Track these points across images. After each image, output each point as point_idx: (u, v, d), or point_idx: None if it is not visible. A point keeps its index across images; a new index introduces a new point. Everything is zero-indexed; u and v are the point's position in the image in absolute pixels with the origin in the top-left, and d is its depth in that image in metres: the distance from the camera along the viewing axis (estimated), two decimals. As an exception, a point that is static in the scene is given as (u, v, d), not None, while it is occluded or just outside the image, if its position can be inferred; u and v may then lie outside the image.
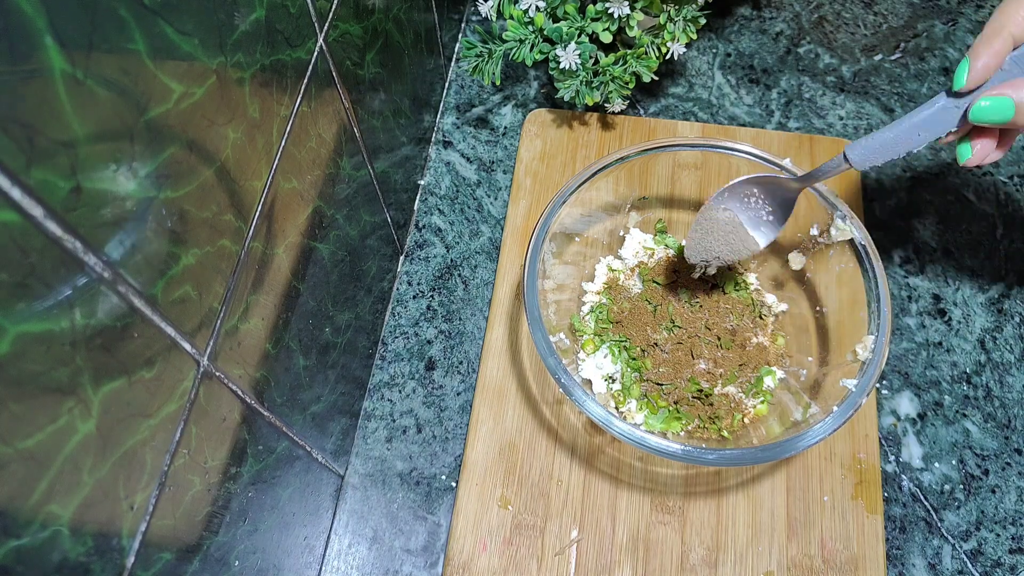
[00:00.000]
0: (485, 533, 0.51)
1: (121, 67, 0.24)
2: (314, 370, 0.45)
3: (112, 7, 0.23)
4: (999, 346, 0.57)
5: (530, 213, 0.62)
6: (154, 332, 0.28)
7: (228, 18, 0.30)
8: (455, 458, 0.54)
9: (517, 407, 0.55)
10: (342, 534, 0.52)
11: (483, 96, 0.69)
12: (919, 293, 0.59)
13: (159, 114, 0.26)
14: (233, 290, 0.33)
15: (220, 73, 0.30)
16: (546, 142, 0.65)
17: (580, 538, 0.50)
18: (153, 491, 0.29)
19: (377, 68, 0.49)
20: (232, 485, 0.36)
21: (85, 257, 0.23)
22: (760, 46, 0.71)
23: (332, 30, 0.40)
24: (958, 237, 0.61)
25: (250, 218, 0.34)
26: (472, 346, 0.58)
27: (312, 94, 0.39)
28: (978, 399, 0.55)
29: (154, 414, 0.28)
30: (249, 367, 0.36)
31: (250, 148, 0.33)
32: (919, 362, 0.56)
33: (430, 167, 0.66)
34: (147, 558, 0.29)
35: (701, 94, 0.69)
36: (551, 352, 0.45)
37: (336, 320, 0.48)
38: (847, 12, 0.73)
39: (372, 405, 0.56)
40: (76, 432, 0.24)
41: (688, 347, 0.52)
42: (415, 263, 0.62)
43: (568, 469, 0.52)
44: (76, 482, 0.24)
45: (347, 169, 0.47)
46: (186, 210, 0.29)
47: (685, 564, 0.49)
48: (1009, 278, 0.59)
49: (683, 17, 0.58)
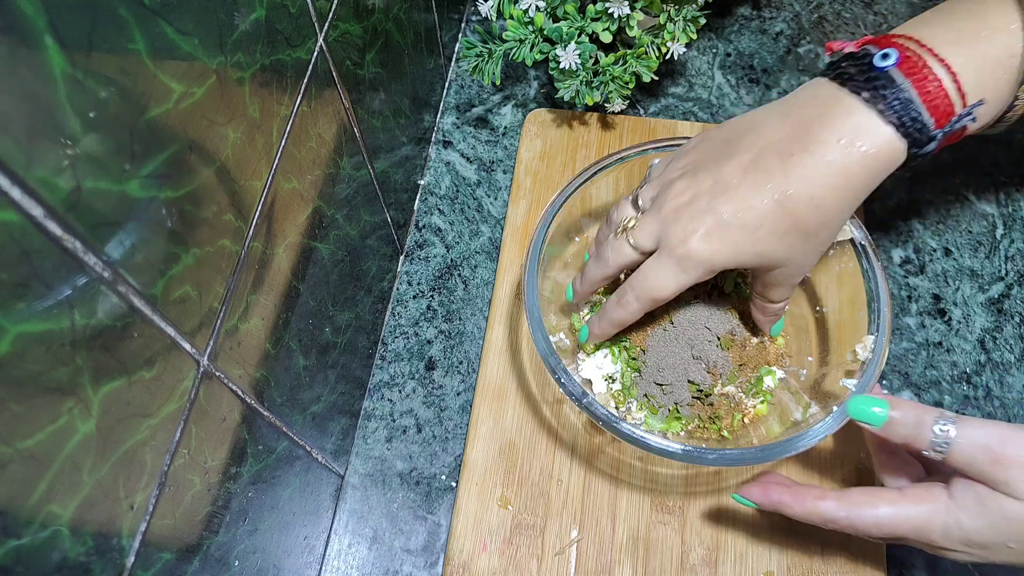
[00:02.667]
0: (485, 533, 0.51)
1: (121, 67, 0.24)
2: (314, 370, 0.45)
3: (112, 7, 0.23)
4: (999, 346, 0.57)
5: (530, 213, 0.62)
6: (154, 332, 0.28)
7: (228, 18, 0.30)
8: (455, 458, 0.54)
9: (517, 407, 0.55)
10: (342, 534, 0.52)
11: (483, 96, 0.69)
12: (919, 293, 0.59)
13: (159, 114, 0.26)
14: (233, 290, 0.33)
15: (220, 73, 0.30)
16: (546, 142, 0.65)
17: (580, 538, 0.50)
18: (153, 491, 0.29)
19: (377, 68, 0.49)
20: (232, 485, 0.36)
21: (85, 257, 0.23)
22: (760, 46, 0.71)
23: (332, 30, 0.40)
24: (958, 237, 0.61)
25: (250, 218, 0.34)
26: (472, 346, 0.58)
27: (312, 94, 0.39)
28: (978, 399, 0.55)
29: (154, 414, 0.28)
30: (249, 367, 0.36)
31: (250, 148, 0.33)
32: (919, 362, 0.56)
33: (430, 167, 0.66)
34: (147, 558, 0.29)
35: (701, 94, 0.69)
36: (551, 352, 0.45)
37: (336, 320, 0.48)
38: (847, 12, 0.73)
39: (372, 405, 0.56)
40: (76, 432, 0.24)
41: (688, 347, 0.52)
42: (415, 263, 0.62)
43: (568, 469, 0.52)
44: (76, 482, 0.24)
45: (347, 169, 0.47)
46: (186, 210, 0.29)
47: (685, 564, 0.49)
48: (1009, 278, 0.59)
49: (683, 17, 0.58)
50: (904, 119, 0.38)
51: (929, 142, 0.38)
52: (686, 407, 0.51)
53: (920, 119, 0.38)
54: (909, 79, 0.38)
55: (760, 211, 0.40)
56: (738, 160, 0.41)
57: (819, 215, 0.40)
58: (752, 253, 0.41)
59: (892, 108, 0.38)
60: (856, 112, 0.38)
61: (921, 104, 0.38)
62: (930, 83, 0.38)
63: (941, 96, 0.38)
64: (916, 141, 0.38)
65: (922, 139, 0.38)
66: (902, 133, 0.38)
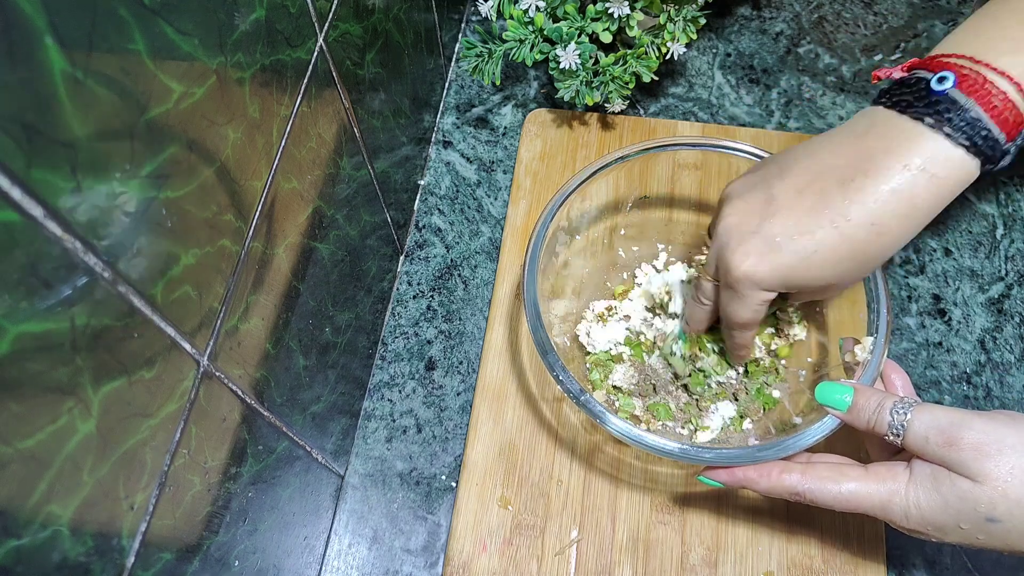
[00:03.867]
0: (485, 533, 0.51)
1: (121, 67, 0.24)
2: (314, 370, 0.45)
3: (112, 7, 0.23)
4: (999, 346, 0.57)
5: (530, 213, 0.62)
6: (154, 332, 0.28)
7: (228, 18, 0.30)
8: (455, 458, 0.54)
9: (517, 407, 0.55)
10: (342, 534, 0.52)
11: (483, 96, 0.69)
12: (919, 293, 0.59)
13: (159, 114, 0.26)
14: (233, 290, 0.33)
15: (220, 73, 0.30)
16: (546, 142, 0.65)
17: (580, 538, 0.50)
18: (153, 491, 0.29)
19: (377, 68, 0.49)
20: (232, 485, 0.36)
21: (85, 257, 0.23)
22: (760, 46, 0.71)
23: (332, 30, 0.40)
24: (958, 237, 0.61)
25: (250, 218, 0.34)
26: (472, 346, 0.58)
27: (312, 94, 0.39)
28: (978, 399, 0.55)
29: (154, 414, 0.28)
30: (249, 367, 0.36)
31: (250, 148, 0.33)
32: (919, 362, 0.56)
33: (430, 167, 0.66)
34: (147, 558, 0.29)
35: (701, 94, 0.69)
36: (550, 350, 0.45)
37: (336, 320, 0.48)
38: (847, 12, 0.73)
39: (372, 405, 0.56)
40: (76, 432, 0.24)
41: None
42: (415, 263, 0.62)
43: (568, 469, 0.52)
44: (76, 482, 0.24)
45: (347, 169, 0.47)
46: (186, 210, 0.29)
47: (685, 564, 0.49)
48: (1009, 278, 0.59)
49: (683, 17, 0.58)
50: (974, 138, 0.36)
51: (1003, 156, 0.37)
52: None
53: (991, 136, 0.36)
54: (972, 98, 0.36)
55: (815, 236, 0.39)
56: (792, 181, 0.40)
57: (880, 242, 0.38)
58: (804, 279, 0.40)
59: (960, 130, 0.36)
60: (921, 138, 0.37)
61: (990, 120, 0.36)
62: (995, 98, 0.36)
63: (1009, 109, 0.36)
64: (989, 158, 0.37)
65: (995, 155, 0.37)
66: (974, 153, 0.37)
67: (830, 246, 0.39)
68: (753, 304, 0.42)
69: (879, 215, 0.38)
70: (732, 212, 0.42)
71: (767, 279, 0.40)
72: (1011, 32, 0.38)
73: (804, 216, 0.39)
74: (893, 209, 0.38)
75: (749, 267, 0.40)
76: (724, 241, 0.41)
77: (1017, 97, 0.37)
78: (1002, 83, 0.37)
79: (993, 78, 0.37)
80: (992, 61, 0.37)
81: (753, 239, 0.40)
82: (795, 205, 0.39)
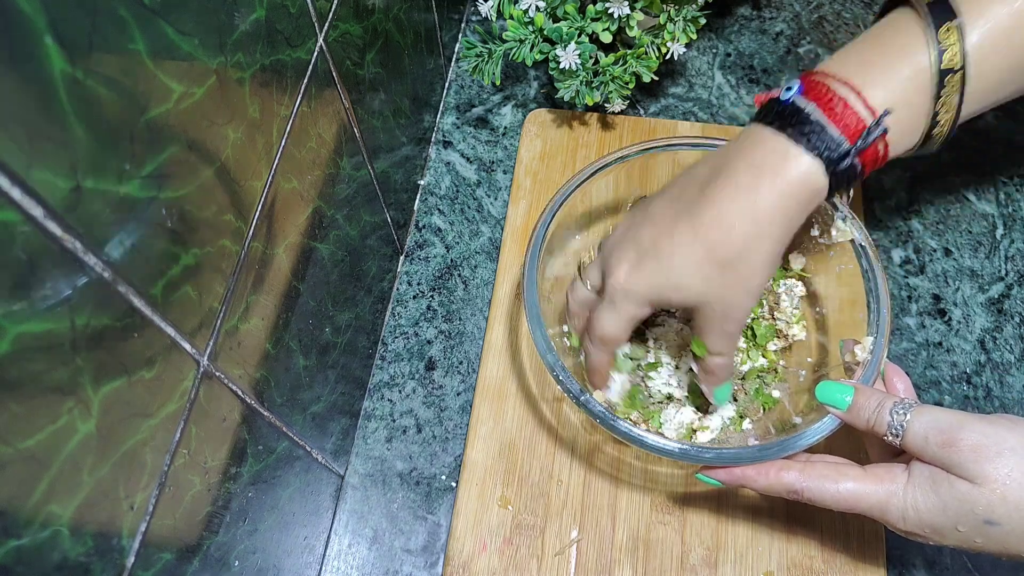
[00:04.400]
0: (485, 533, 0.51)
1: (121, 67, 0.24)
2: (314, 370, 0.45)
3: (112, 7, 0.23)
4: (999, 346, 0.57)
5: (530, 213, 0.62)
6: (154, 332, 0.28)
7: (228, 18, 0.30)
8: (455, 458, 0.54)
9: (517, 407, 0.55)
10: (342, 534, 0.52)
11: (483, 96, 0.69)
12: (919, 293, 0.59)
13: (159, 114, 0.26)
14: (233, 290, 0.33)
15: (220, 73, 0.30)
16: (546, 142, 0.65)
17: (580, 538, 0.50)
18: (153, 491, 0.29)
19: (377, 68, 0.49)
20: (232, 485, 0.36)
21: (85, 257, 0.23)
22: (760, 46, 0.71)
23: (332, 30, 0.40)
24: (958, 237, 0.61)
25: (250, 218, 0.34)
26: (472, 346, 0.58)
27: (312, 94, 0.39)
28: (978, 399, 0.55)
29: (154, 414, 0.28)
30: (249, 367, 0.36)
31: (250, 148, 0.33)
32: (919, 362, 0.56)
33: (430, 167, 0.66)
34: (147, 558, 0.29)
35: (701, 94, 0.69)
36: (550, 350, 0.45)
37: (336, 320, 0.48)
38: (847, 12, 0.73)
39: (372, 405, 0.56)
40: (76, 432, 0.24)
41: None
42: (415, 263, 0.62)
43: (568, 469, 0.52)
44: (76, 482, 0.24)
45: (347, 169, 0.47)
46: (186, 210, 0.29)
47: (685, 564, 0.49)
48: (1009, 278, 0.59)
49: (683, 17, 0.58)
50: (812, 138, 0.38)
51: (844, 157, 0.39)
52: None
53: (826, 133, 0.38)
54: (814, 102, 0.39)
55: (673, 239, 0.41)
56: (667, 193, 0.43)
57: (731, 241, 0.39)
58: (670, 286, 0.41)
59: (800, 131, 0.39)
60: (768, 139, 0.40)
61: (828, 122, 0.38)
62: (835, 103, 0.39)
63: (848, 113, 0.39)
64: (830, 160, 0.38)
65: (834, 156, 0.38)
66: (813, 152, 0.38)
67: (687, 248, 0.40)
68: (623, 315, 0.43)
69: (726, 212, 0.39)
70: (619, 227, 0.45)
71: (638, 288, 0.42)
72: (865, 52, 0.41)
73: (668, 222, 0.41)
74: (739, 206, 0.39)
75: (623, 274, 0.42)
76: (606, 252, 0.44)
77: (857, 102, 0.39)
78: (843, 90, 0.39)
79: (836, 87, 0.39)
80: (839, 73, 0.40)
81: (628, 249, 0.42)
82: (665, 213, 0.42)
